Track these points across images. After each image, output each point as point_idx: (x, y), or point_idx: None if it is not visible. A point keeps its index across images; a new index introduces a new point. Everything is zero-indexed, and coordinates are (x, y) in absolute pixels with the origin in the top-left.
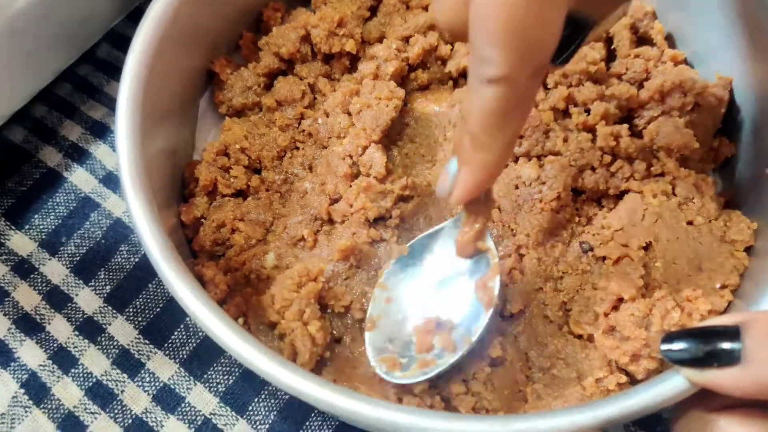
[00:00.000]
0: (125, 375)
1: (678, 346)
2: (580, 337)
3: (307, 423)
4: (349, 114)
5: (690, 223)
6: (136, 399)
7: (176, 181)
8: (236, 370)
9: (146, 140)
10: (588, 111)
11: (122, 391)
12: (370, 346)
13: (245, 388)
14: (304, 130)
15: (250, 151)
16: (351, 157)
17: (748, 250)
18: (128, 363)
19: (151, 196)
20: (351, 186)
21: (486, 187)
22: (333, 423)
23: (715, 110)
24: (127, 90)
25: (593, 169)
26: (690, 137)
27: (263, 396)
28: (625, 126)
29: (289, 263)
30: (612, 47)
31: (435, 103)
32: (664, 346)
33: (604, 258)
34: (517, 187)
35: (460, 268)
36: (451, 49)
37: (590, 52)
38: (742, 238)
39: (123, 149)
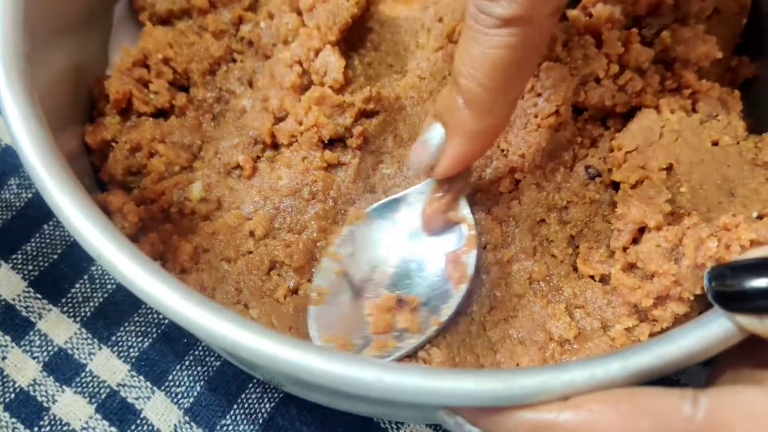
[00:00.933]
0: (8, 338)
1: (731, 283)
2: (593, 278)
3: (243, 396)
4: (299, 13)
5: (715, 143)
6: (22, 368)
7: (82, 101)
8: (153, 330)
9: (37, 54)
10: (590, 15)
11: (3, 358)
12: (314, 323)
13: (164, 352)
14: (243, 38)
15: (175, 62)
16: (300, 63)
17: None
18: (13, 323)
19: (41, 115)
20: (300, 100)
21: (479, 157)
22: (275, 395)
23: (735, 19)
24: None
25: (598, 81)
26: (712, 44)
27: (187, 363)
28: (635, 31)
29: (221, 195)
30: None
31: (404, 5)
32: (711, 284)
33: (615, 185)
34: None
35: (429, 239)
36: None
37: None
38: None
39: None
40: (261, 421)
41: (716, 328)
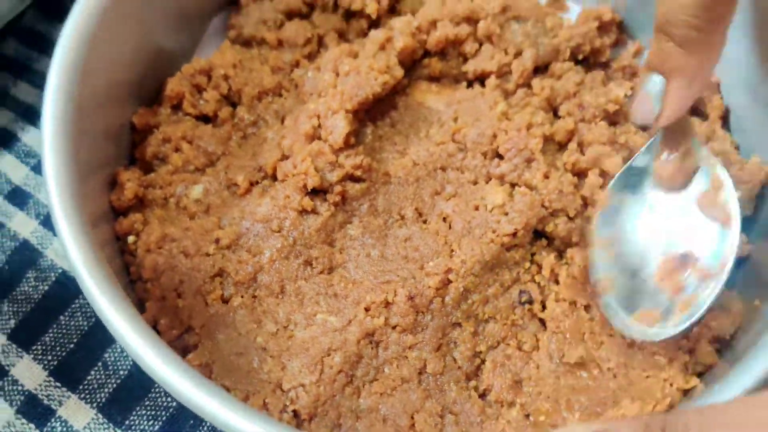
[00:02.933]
0: (32, 425)
1: None
2: (483, 396)
3: None
4: (338, 74)
5: None
6: None
7: (151, 79)
8: (163, 413)
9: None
10: (582, 153)
11: None
12: (611, 312)
13: None
14: (293, 80)
15: (233, 81)
16: (318, 117)
17: None
18: (36, 411)
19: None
20: (306, 147)
21: (699, 95)
22: None
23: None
24: None
25: (570, 217)
26: None
27: None
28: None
29: (212, 203)
30: None
31: (436, 95)
32: None
33: (542, 320)
34: (477, 209)
35: (678, 194)
36: (478, 50)
37: (615, 89)
38: None
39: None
40: None
41: None
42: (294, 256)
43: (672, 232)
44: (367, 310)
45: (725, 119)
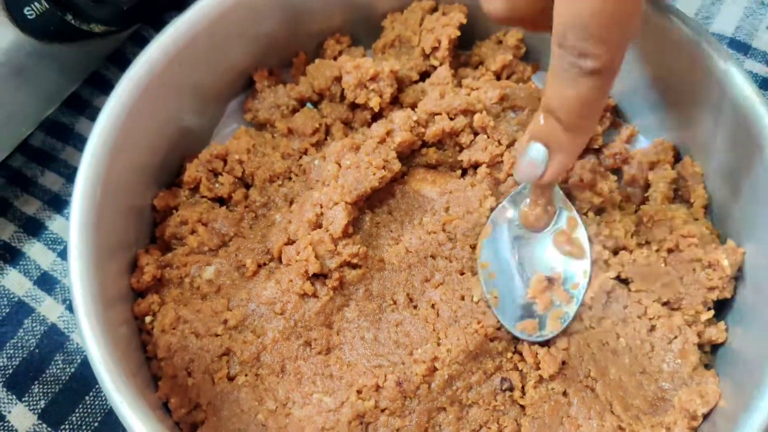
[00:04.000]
0: None
1: None
2: None
3: None
4: (340, 166)
5: None
6: None
7: (173, 161)
8: None
9: (144, 105)
10: None
11: None
12: (504, 320)
13: None
14: (301, 165)
15: (247, 165)
16: (321, 206)
17: None
18: None
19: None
20: (309, 234)
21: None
22: None
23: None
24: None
25: None
26: None
27: None
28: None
29: (223, 283)
30: (646, 194)
31: (431, 185)
32: None
33: (522, 406)
34: (462, 299)
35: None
36: (473, 140)
37: (600, 182)
38: None
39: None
40: None
41: None
42: (295, 337)
43: (538, 260)
44: (359, 392)
45: (708, 208)
